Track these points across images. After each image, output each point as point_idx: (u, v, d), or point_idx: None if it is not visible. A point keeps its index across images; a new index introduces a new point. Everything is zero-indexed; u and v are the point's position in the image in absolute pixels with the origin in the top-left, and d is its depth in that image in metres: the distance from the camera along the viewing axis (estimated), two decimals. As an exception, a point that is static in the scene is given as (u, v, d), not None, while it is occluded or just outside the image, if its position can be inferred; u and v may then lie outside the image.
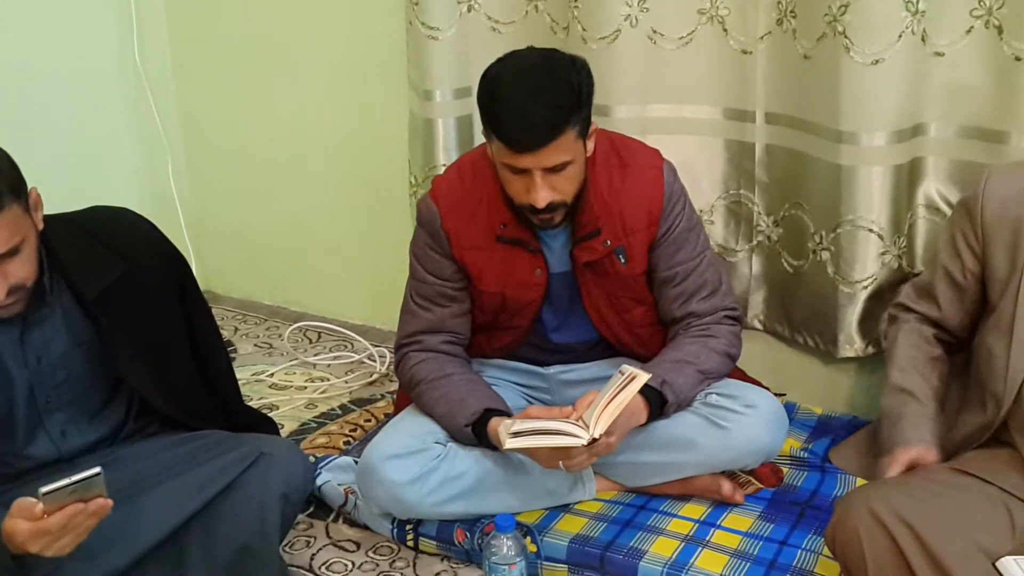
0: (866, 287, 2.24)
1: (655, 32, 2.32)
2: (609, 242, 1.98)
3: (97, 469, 1.47)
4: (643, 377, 1.79)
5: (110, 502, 1.50)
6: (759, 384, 2.12)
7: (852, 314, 2.27)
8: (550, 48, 1.94)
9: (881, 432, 1.92)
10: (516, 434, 1.75)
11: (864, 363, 2.36)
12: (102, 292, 1.72)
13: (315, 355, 2.90)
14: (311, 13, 2.88)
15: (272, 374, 2.78)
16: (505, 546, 1.73)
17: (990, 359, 1.82)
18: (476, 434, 1.94)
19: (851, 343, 2.30)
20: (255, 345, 3.00)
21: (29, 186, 1.62)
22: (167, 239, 1.87)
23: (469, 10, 2.52)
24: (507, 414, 1.97)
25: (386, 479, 1.92)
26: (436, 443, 1.97)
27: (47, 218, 1.68)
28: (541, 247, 2.01)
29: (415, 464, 1.93)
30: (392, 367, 2.77)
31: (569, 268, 2.04)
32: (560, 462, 1.84)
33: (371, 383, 2.73)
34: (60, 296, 1.72)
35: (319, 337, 3.03)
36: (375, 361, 2.83)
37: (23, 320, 1.68)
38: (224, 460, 1.76)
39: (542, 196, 1.82)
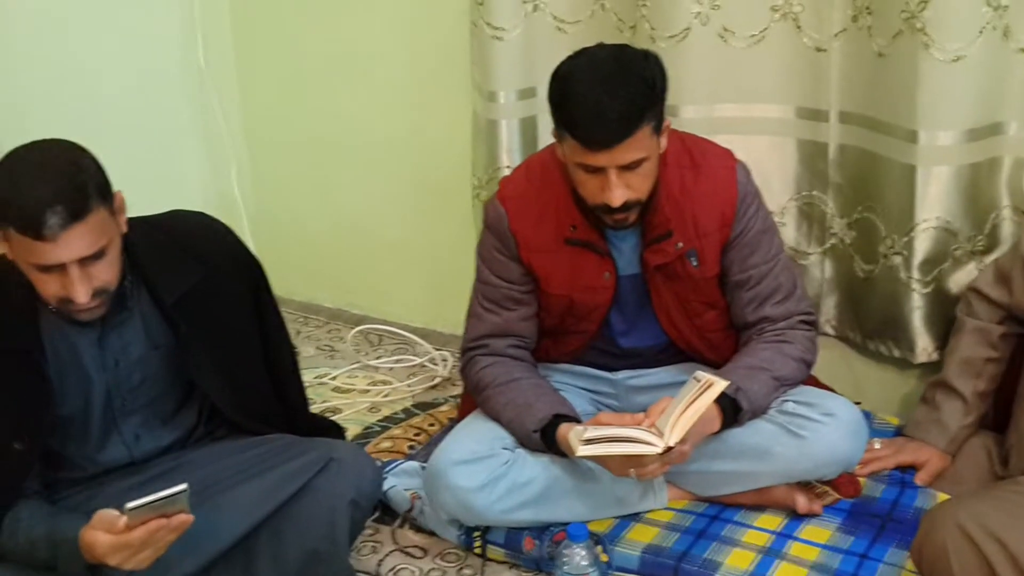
0: (943, 291, 2.18)
1: (726, 30, 2.27)
2: (681, 244, 1.94)
3: (184, 486, 1.47)
4: (720, 384, 1.74)
5: (191, 517, 1.51)
6: (833, 392, 2.06)
7: (928, 319, 2.21)
8: (620, 44, 1.91)
9: (915, 413, 2.09)
10: (588, 441, 1.72)
11: (939, 370, 2.28)
12: (181, 297, 1.73)
13: (377, 358, 2.88)
14: (375, 16, 2.87)
15: (335, 377, 2.77)
16: (578, 556, 1.69)
17: None
18: (545, 440, 1.91)
19: (928, 349, 2.23)
20: (317, 348, 2.99)
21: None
22: (244, 245, 1.88)
23: (534, 10, 2.49)
24: (576, 420, 1.93)
25: (454, 485, 1.89)
26: (504, 449, 1.94)
27: (128, 221, 1.68)
28: (610, 249, 1.97)
29: (483, 470, 1.90)
30: (454, 370, 2.77)
31: (638, 271, 2.00)
32: (631, 470, 1.80)
33: (433, 387, 2.71)
34: (139, 299, 1.73)
35: (380, 340, 3.02)
36: (437, 365, 2.81)
37: (103, 322, 1.68)
38: (293, 465, 1.75)
39: (618, 195, 1.79)
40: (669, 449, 1.71)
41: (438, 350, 2.86)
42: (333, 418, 2.43)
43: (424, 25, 2.78)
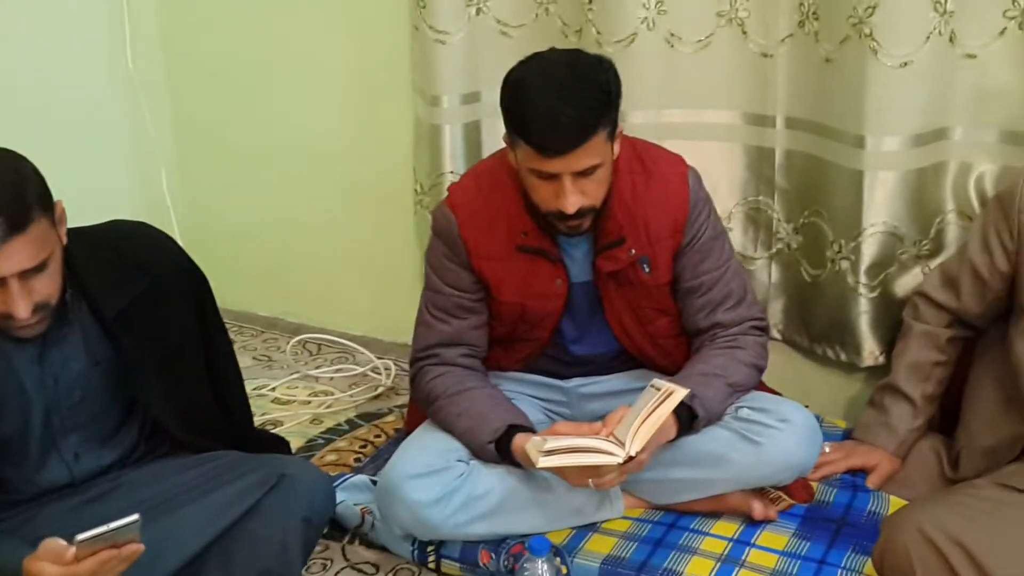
0: (890, 295, 2.20)
1: (672, 35, 2.26)
2: (634, 251, 1.92)
3: (136, 516, 1.41)
4: (681, 392, 1.73)
5: (142, 547, 1.44)
6: (780, 396, 2.07)
7: (875, 323, 2.23)
8: (574, 48, 1.89)
9: (864, 417, 2.10)
10: (549, 452, 1.68)
11: (887, 372, 2.30)
12: (123, 310, 1.65)
13: (317, 368, 2.82)
14: (311, 17, 2.80)
15: (274, 388, 2.69)
16: (541, 569, 1.65)
17: (1019, 365, 1.78)
18: (499, 451, 1.87)
19: (874, 353, 2.25)
20: (254, 358, 2.91)
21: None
22: (187, 255, 1.81)
23: (478, 13, 2.46)
24: (531, 430, 1.90)
25: (408, 499, 1.84)
26: (459, 461, 1.90)
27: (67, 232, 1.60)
28: (562, 256, 1.94)
29: (438, 483, 1.85)
30: (398, 379, 2.72)
31: (590, 278, 1.98)
32: (590, 480, 1.78)
33: (376, 397, 2.66)
34: (79, 313, 1.65)
35: (319, 349, 2.95)
36: (380, 374, 2.75)
37: (42, 339, 1.60)
38: (243, 483, 1.68)
39: (572, 201, 1.76)
40: (631, 459, 1.68)
41: (380, 359, 2.80)
42: (274, 431, 2.38)
43: (362, 27, 2.73)
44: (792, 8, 2.16)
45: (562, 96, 1.70)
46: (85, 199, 1.71)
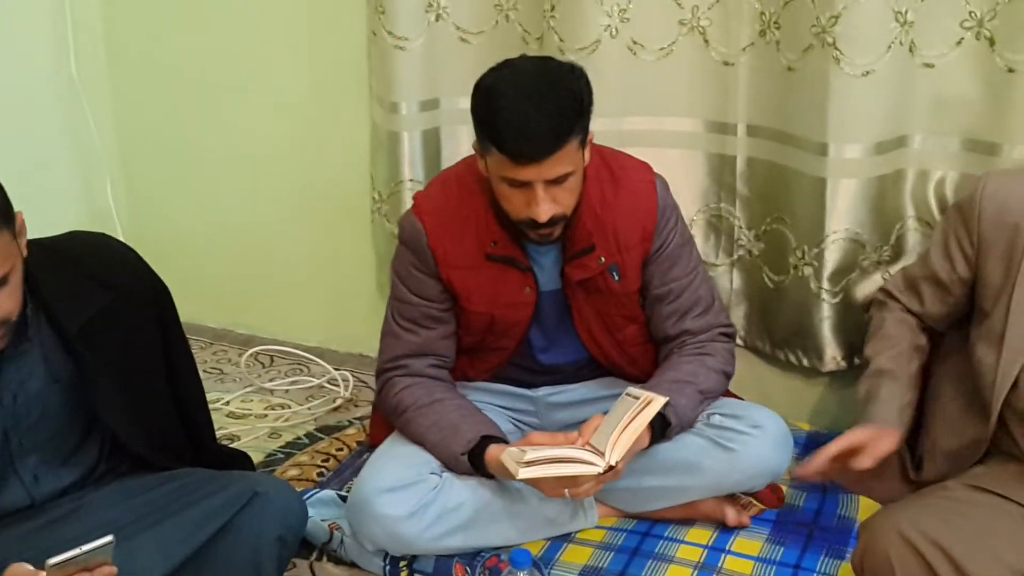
0: (851, 301, 2.23)
1: (635, 43, 2.27)
2: (603, 259, 1.91)
3: (110, 538, 1.37)
4: (660, 401, 1.72)
5: (115, 570, 1.40)
6: (742, 400, 2.08)
7: (837, 329, 2.26)
8: (545, 56, 1.88)
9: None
10: (529, 463, 1.66)
11: (849, 378, 2.33)
12: (85, 325, 1.59)
13: (271, 380, 2.75)
14: (262, 21, 2.75)
15: (228, 402, 2.62)
16: (522, 583, 1.63)
17: (980, 369, 1.81)
18: (473, 463, 1.85)
19: (836, 358, 2.27)
20: (204, 371, 2.82)
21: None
22: (150, 268, 1.75)
23: (437, 19, 2.44)
24: (504, 440, 1.88)
25: (381, 514, 1.81)
26: (431, 474, 1.87)
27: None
28: (531, 265, 1.93)
29: (412, 497, 1.82)
30: (356, 391, 2.68)
31: (559, 286, 1.97)
32: (566, 490, 1.76)
33: (336, 409, 2.60)
34: (39, 329, 1.58)
35: (272, 361, 2.89)
36: (337, 386, 2.70)
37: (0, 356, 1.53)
38: (214, 501, 1.64)
39: (544, 210, 1.75)
40: (611, 468, 1.67)
41: (337, 370, 2.75)
42: (231, 446, 2.31)
43: (317, 33, 2.68)
44: (753, 17, 2.18)
45: (536, 104, 1.69)
46: (27, 207, 1.63)
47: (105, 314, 1.63)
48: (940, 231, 1.86)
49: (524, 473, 1.66)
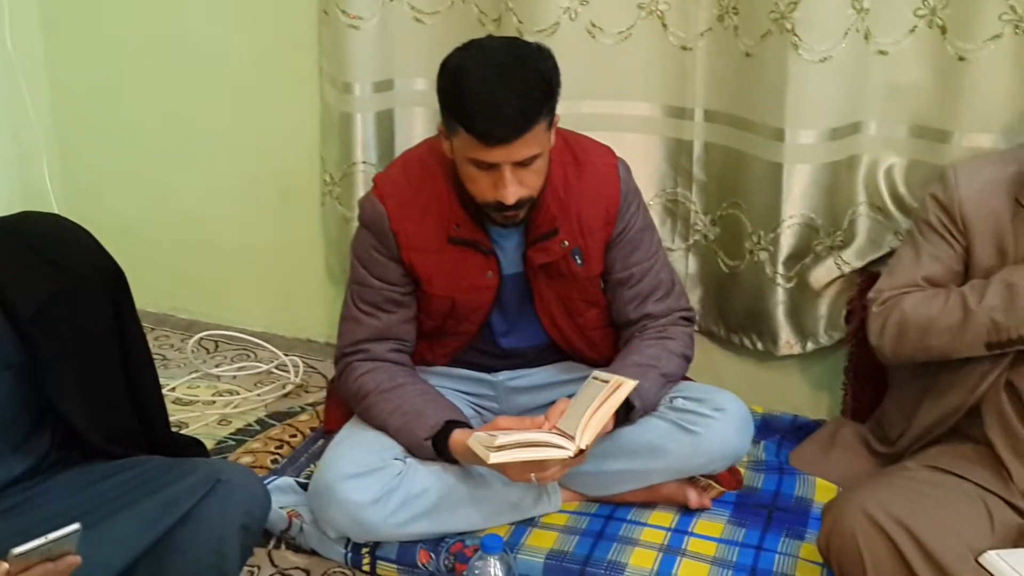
0: (805, 285, 2.25)
1: (594, 26, 2.26)
2: (567, 242, 1.91)
3: (76, 526, 1.31)
4: (629, 384, 1.72)
5: (79, 559, 1.34)
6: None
7: (791, 313, 2.28)
8: (511, 36, 1.86)
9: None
10: (500, 448, 1.65)
11: (801, 361, 2.38)
12: (38, 309, 1.52)
13: (217, 366, 2.69)
14: (206, -3, 2.67)
15: (173, 388, 2.56)
16: (493, 568, 1.62)
17: None
18: (437, 448, 1.83)
19: (790, 342, 2.30)
20: (147, 357, 2.76)
21: None
22: (105, 250, 1.68)
23: (391, -2, 2.39)
24: (468, 425, 1.87)
25: (345, 500, 1.78)
26: (395, 459, 1.85)
27: None
28: (494, 248, 1.91)
29: (376, 483, 1.80)
30: (306, 376, 2.64)
31: (521, 270, 1.96)
32: (532, 474, 1.75)
33: (286, 395, 2.56)
34: None
35: (217, 347, 2.82)
36: (287, 371, 2.65)
37: None
38: (177, 489, 1.58)
39: (512, 192, 1.74)
40: (581, 452, 1.67)
41: (287, 355, 2.70)
42: (182, 433, 2.25)
43: (263, 9, 2.61)
44: (712, 3, 2.19)
45: (505, 84, 1.67)
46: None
47: (59, 297, 1.57)
48: (920, 226, 1.86)
49: (495, 457, 1.64)
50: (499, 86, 1.67)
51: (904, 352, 1.85)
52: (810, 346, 2.31)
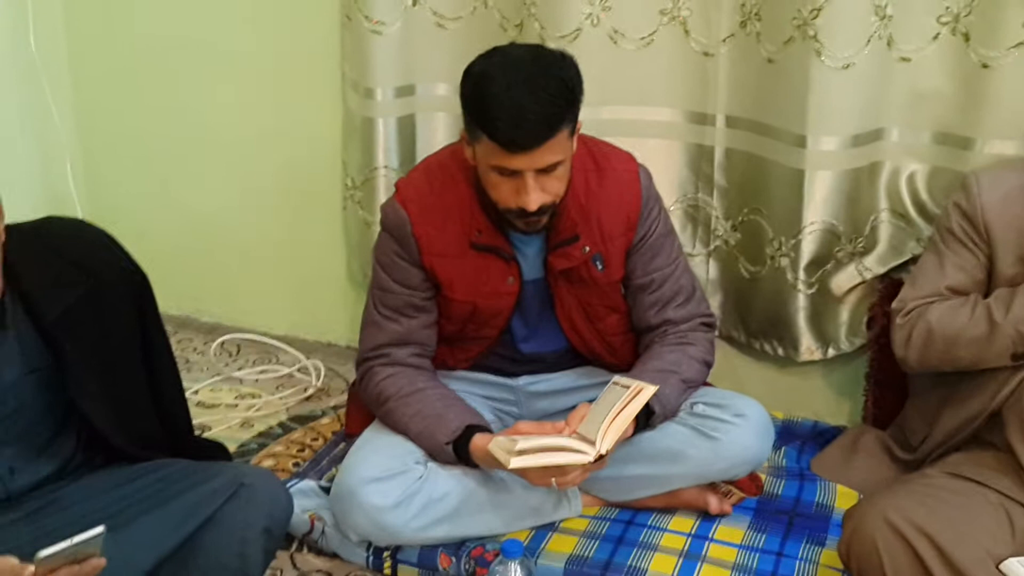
0: (826, 291, 2.25)
1: (616, 32, 2.26)
2: (588, 248, 1.91)
3: (101, 529, 1.33)
4: (650, 390, 1.73)
5: (104, 562, 1.36)
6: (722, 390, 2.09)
7: (812, 319, 2.28)
8: (535, 44, 1.87)
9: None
10: (521, 452, 1.66)
11: (822, 367, 2.37)
12: (63, 313, 1.54)
13: (239, 370, 2.71)
14: (227, 1, 2.69)
15: (196, 391, 2.58)
16: (513, 572, 1.62)
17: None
18: (457, 452, 1.84)
19: (811, 348, 2.30)
20: (170, 360, 2.78)
21: None
22: (129, 255, 1.71)
23: (414, 3, 2.41)
24: (488, 429, 1.88)
25: (367, 504, 1.79)
26: (416, 463, 1.86)
27: None
28: (515, 254, 1.92)
29: (397, 487, 1.81)
30: (328, 379, 2.65)
31: (542, 275, 1.96)
32: (552, 479, 1.76)
33: (308, 398, 2.57)
34: (16, 318, 1.53)
35: (239, 350, 2.84)
36: (308, 374, 2.67)
37: None
38: (199, 493, 1.60)
39: (535, 198, 1.74)
40: (602, 457, 1.68)
41: (308, 358, 2.71)
42: (205, 436, 2.27)
43: (285, 15, 2.63)
44: (734, 8, 2.19)
45: (529, 92, 1.67)
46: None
47: (84, 302, 1.59)
48: (942, 234, 1.85)
49: (516, 462, 1.65)
50: (523, 93, 1.67)
51: (930, 363, 1.85)
52: (831, 352, 2.30)
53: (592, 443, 1.69)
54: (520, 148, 1.69)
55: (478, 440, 1.82)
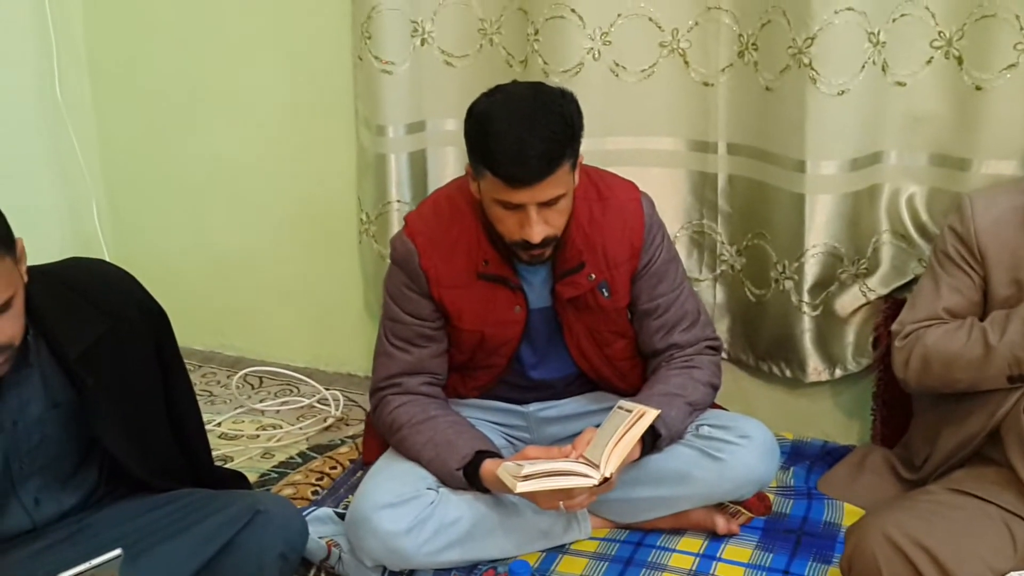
0: (831, 313, 2.29)
1: (617, 65, 2.32)
2: (593, 276, 1.96)
3: (118, 551, 1.38)
4: (652, 413, 1.77)
5: None
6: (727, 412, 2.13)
7: (818, 340, 2.31)
8: (535, 81, 1.93)
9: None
10: (527, 477, 1.70)
11: (831, 388, 2.40)
12: (85, 350, 1.61)
13: (261, 401, 2.78)
14: (246, 45, 2.78)
15: (219, 423, 2.65)
16: (521, 594, 1.67)
17: None
18: (468, 477, 1.88)
19: (818, 369, 2.33)
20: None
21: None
22: (148, 292, 1.77)
23: (422, 43, 2.48)
24: (498, 455, 1.92)
25: (380, 530, 1.84)
26: (428, 489, 1.91)
27: None
28: (521, 283, 1.97)
29: (409, 512, 1.86)
30: (347, 410, 2.71)
31: (549, 304, 2.01)
32: (560, 502, 1.80)
33: (327, 428, 2.63)
34: (39, 354, 1.60)
35: (261, 382, 2.91)
36: (328, 405, 2.73)
37: (0, 381, 1.55)
38: (218, 519, 1.66)
39: (537, 231, 1.80)
40: (606, 480, 1.72)
41: (327, 389, 2.78)
42: (225, 467, 2.33)
43: (300, 56, 2.72)
44: (732, 39, 2.24)
45: (529, 128, 1.73)
46: (14, 231, 1.67)
47: (104, 339, 1.65)
48: (939, 257, 1.89)
49: (522, 487, 1.70)
50: (523, 130, 1.73)
51: (929, 384, 1.89)
52: (839, 372, 2.33)
53: (597, 467, 1.73)
54: (522, 183, 1.75)
55: (488, 465, 1.87)
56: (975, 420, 1.83)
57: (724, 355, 2.46)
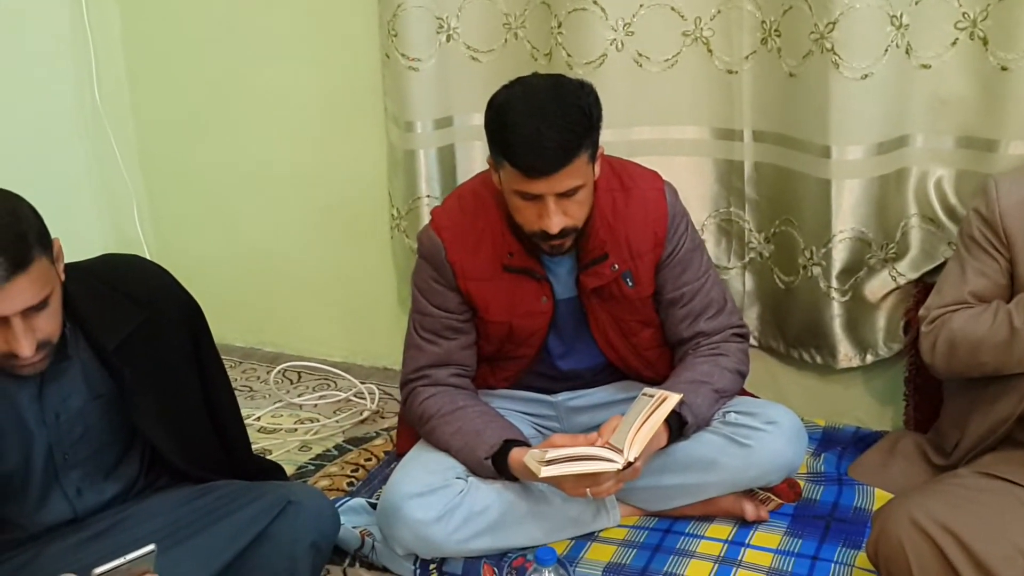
0: (861, 298, 2.28)
1: (640, 55, 2.33)
2: (617, 266, 1.98)
3: (152, 547, 1.43)
4: (674, 398, 1.79)
5: None
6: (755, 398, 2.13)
7: (848, 326, 2.31)
8: (555, 73, 1.95)
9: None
10: (550, 462, 1.73)
11: (863, 374, 2.39)
12: (122, 341, 1.66)
13: (299, 396, 2.83)
14: (277, 48, 2.83)
15: (259, 418, 2.70)
16: (547, 580, 1.69)
17: None
18: (496, 466, 1.91)
19: (849, 355, 2.33)
20: (235, 389, 2.87)
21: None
22: (182, 286, 1.83)
23: (448, 39, 2.51)
24: (526, 443, 1.94)
25: (410, 518, 1.87)
26: (457, 478, 1.93)
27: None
28: (547, 274, 1.99)
29: (439, 501, 1.89)
30: (382, 403, 2.75)
31: (575, 294, 2.03)
32: (587, 489, 1.82)
33: (363, 421, 2.68)
34: (78, 348, 1.66)
35: (299, 377, 2.96)
36: (364, 398, 2.77)
37: (41, 375, 1.61)
38: (251, 511, 1.71)
39: (555, 222, 1.82)
40: (630, 464, 1.73)
41: (363, 383, 2.82)
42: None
43: (330, 57, 2.76)
44: (754, 26, 2.24)
45: (546, 120, 1.75)
46: (57, 235, 1.72)
47: (141, 331, 1.71)
48: (965, 241, 1.88)
49: (546, 471, 1.72)
50: (541, 121, 1.75)
51: (956, 369, 1.88)
52: (870, 358, 2.32)
53: (621, 451, 1.75)
54: (539, 173, 1.77)
55: (515, 454, 1.89)
56: (1004, 404, 1.82)
57: (754, 343, 2.48)
